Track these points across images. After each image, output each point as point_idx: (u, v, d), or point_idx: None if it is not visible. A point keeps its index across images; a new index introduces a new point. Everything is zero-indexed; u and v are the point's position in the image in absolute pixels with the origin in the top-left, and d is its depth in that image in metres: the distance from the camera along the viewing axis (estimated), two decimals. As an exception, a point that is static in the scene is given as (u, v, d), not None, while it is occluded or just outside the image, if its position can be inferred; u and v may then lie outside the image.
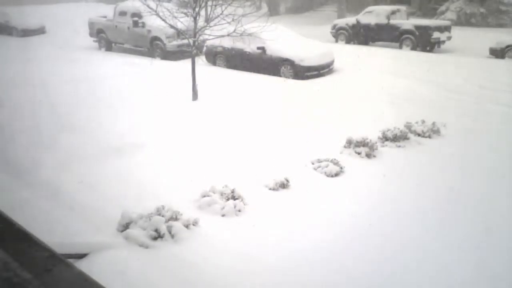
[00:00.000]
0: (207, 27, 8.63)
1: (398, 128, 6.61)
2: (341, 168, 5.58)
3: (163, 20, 8.48)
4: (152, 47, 14.14)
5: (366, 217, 4.47)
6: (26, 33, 19.63)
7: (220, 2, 8.77)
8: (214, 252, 3.83)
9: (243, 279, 3.46)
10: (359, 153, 6.04)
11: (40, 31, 20.30)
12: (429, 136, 6.76)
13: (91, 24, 16.22)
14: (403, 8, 16.61)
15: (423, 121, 7.01)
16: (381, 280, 3.52)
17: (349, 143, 6.24)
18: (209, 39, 10.56)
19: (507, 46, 12.88)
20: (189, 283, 3.40)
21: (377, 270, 3.63)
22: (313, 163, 5.73)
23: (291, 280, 3.48)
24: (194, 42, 8.67)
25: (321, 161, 5.70)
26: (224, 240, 4.04)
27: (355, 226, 4.31)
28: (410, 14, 17.40)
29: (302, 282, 3.47)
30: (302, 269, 3.61)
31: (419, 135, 6.78)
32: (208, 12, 8.97)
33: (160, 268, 3.56)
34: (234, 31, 8.48)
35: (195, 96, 8.85)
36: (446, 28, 14.89)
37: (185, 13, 8.79)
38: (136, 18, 13.99)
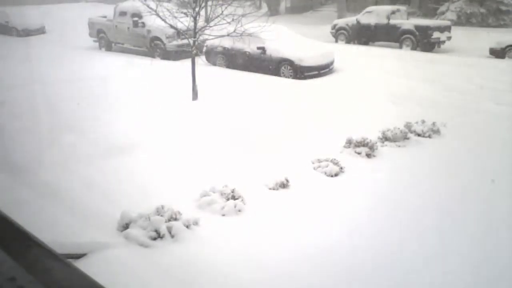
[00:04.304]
0: (207, 27, 8.64)
1: (398, 128, 6.60)
2: (341, 168, 5.58)
3: (163, 20, 8.48)
4: (152, 47, 14.14)
5: (366, 217, 4.47)
6: (26, 33, 19.64)
7: (220, 2, 8.78)
8: (214, 252, 3.83)
9: (243, 279, 3.46)
10: (359, 153, 6.04)
11: (40, 31, 20.32)
12: (429, 136, 6.76)
13: (91, 24, 16.22)
14: (403, 8, 16.61)
15: (423, 121, 7.01)
16: (382, 280, 3.52)
17: (349, 143, 6.24)
18: (209, 39, 10.56)
19: (507, 46, 12.88)
20: (188, 283, 3.40)
21: (378, 270, 3.63)
22: (313, 163, 5.73)
23: (291, 280, 3.48)
24: (194, 42, 8.67)
25: (321, 161, 5.70)
26: (224, 240, 4.04)
27: (355, 226, 4.30)
28: (410, 14, 17.39)
29: (302, 283, 3.47)
30: (303, 270, 3.61)
31: (419, 135, 6.78)
32: (208, 12, 8.97)
33: (159, 268, 3.56)
34: (234, 31, 8.48)
35: (195, 96, 8.85)
36: (446, 28, 14.89)
37: (185, 13, 8.79)
38: (136, 18, 13.99)
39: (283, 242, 4.02)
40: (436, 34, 14.37)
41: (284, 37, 11.62)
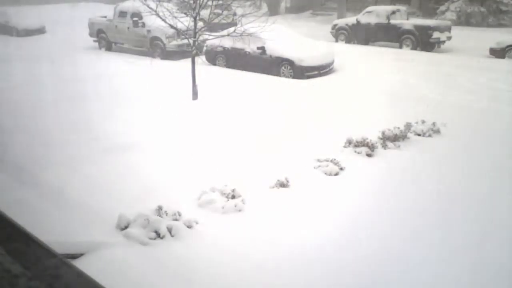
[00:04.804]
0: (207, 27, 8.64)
1: (398, 128, 6.61)
2: (341, 168, 5.58)
3: (163, 20, 8.49)
4: (152, 47, 14.14)
5: (366, 217, 4.47)
6: (26, 33, 19.62)
7: (221, 2, 8.77)
8: (214, 251, 3.83)
9: (243, 279, 3.46)
10: (359, 153, 6.04)
11: (40, 31, 20.29)
12: (430, 136, 6.76)
13: (91, 24, 16.22)
14: (403, 8, 16.60)
15: (423, 121, 7.01)
16: (381, 279, 3.52)
17: (349, 143, 6.24)
18: (209, 39, 10.56)
19: (507, 46, 12.88)
20: (188, 283, 3.40)
21: (377, 269, 3.63)
22: (313, 163, 5.73)
23: (291, 280, 3.48)
24: (194, 42, 8.67)
25: (321, 161, 5.70)
26: (224, 239, 4.04)
27: (355, 225, 4.31)
28: (410, 14, 17.38)
29: (302, 282, 3.48)
30: (302, 269, 3.61)
31: (419, 135, 6.78)
32: (209, 13, 8.95)
33: (159, 267, 3.56)
34: (234, 31, 8.49)
35: (195, 95, 8.85)
36: (446, 28, 14.89)
37: (185, 13, 8.79)
38: (136, 18, 13.99)
39: (283, 241, 4.02)
40: (436, 34, 14.36)
41: (284, 37, 11.62)
